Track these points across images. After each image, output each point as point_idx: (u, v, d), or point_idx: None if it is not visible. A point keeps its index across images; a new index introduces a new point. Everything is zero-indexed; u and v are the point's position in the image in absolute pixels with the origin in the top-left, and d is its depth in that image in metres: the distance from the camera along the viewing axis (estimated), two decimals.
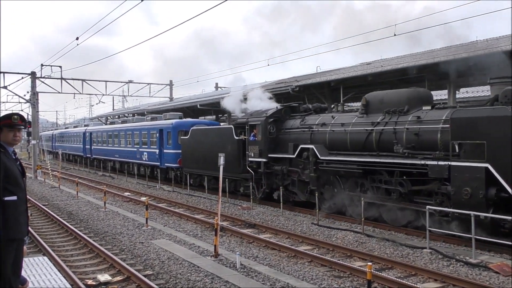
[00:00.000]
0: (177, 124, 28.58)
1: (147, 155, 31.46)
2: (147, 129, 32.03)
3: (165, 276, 10.40)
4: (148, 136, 31.44)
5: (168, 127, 28.80)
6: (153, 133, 30.58)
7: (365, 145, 15.60)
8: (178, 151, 27.21)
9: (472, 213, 11.33)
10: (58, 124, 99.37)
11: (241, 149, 21.20)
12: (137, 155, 33.02)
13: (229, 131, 22.12)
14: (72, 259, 12.09)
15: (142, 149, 32.25)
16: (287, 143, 18.91)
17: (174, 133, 28.06)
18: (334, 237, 14.14)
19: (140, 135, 32.80)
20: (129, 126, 35.66)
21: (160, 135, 29.44)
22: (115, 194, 25.01)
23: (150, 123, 32.50)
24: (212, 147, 22.85)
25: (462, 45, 22.00)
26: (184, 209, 20.27)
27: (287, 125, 19.62)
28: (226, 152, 19.40)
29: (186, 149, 25.99)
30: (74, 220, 17.82)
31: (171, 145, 28.04)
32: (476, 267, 10.59)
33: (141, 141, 32.47)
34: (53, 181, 32.01)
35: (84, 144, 46.90)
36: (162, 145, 29.16)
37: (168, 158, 28.47)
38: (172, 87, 48.55)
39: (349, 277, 10.31)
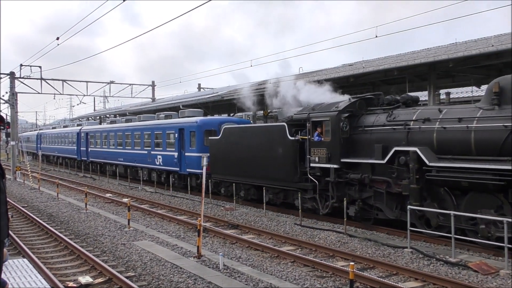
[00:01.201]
0: (203, 123, 24.10)
1: (161, 159, 27.01)
2: (162, 128, 27.31)
3: (148, 278, 10.33)
4: (163, 137, 26.89)
5: (191, 125, 24.31)
6: (170, 133, 26.17)
7: (503, 147, 11.58)
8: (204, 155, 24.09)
9: (451, 213, 11.49)
10: (38, 125, 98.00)
11: (298, 152, 17.07)
12: (148, 159, 28.46)
13: (281, 130, 17.91)
14: (53, 261, 11.94)
15: (155, 152, 27.66)
16: (367, 144, 14.88)
17: (199, 133, 23.73)
18: (317, 237, 14.22)
19: (152, 136, 28.24)
20: (138, 125, 30.76)
21: (180, 136, 25.09)
22: (97, 196, 24.75)
23: (166, 122, 27.64)
24: (254, 149, 19.24)
25: (441, 47, 22.33)
26: (167, 210, 20.16)
27: (365, 122, 15.33)
28: (275, 156, 17.50)
29: (216, 152, 21.61)
30: (54, 222, 17.58)
31: (196, 147, 23.72)
32: (456, 266, 10.75)
33: (153, 143, 27.96)
34: (32, 182, 31.54)
35: (78, 145, 41.78)
36: (183, 147, 24.88)
37: (191, 162, 23.87)
38: (154, 88, 48.25)
39: (331, 277, 10.37)
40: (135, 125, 31.44)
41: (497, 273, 10.15)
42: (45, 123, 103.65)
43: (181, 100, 37.63)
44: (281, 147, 17.76)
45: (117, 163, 33.80)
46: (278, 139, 17.97)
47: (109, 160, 35.10)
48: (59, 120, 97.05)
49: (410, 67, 18.55)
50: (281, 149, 17.72)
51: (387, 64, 20.01)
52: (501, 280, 9.74)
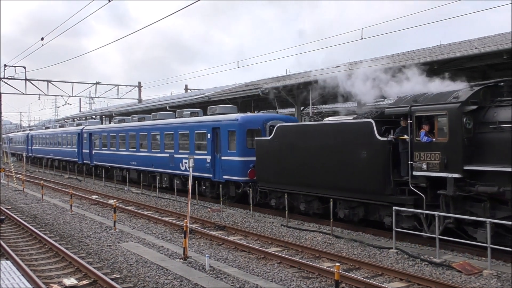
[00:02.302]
0: (246, 120, 20.09)
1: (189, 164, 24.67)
2: (189, 127, 23.32)
3: (133, 279, 10.28)
4: (190, 138, 22.96)
5: (230, 124, 20.41)
6: (201, 133, 22.31)
7: None
8: (248, 159, 19.35)
9: (436, 214, 11.61)
10: (22, 126, 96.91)
11: (389, 157, 13.54)
12: (169, 163, 24.37)
13: (365, 129, 14.22)
14: (37, 263, 11.82)
15: (180, 155, 23.59)
16: (502, 146, 11.36)
17: (241, 132, 19.78)
18: (303, 238, 14.27)
19: (175, 136, 24.20)
20: (157, 125, 26.57)
21: (214, 136, 21.26)
22: (82, 197, 24.55)
23: (194, 120, 23.63)
24: (321, 152, 15.64)
25: (425, 49, 22.58)
26: (153, 211, 20.08)
27: (497, 117, 11.73)
28: (355, 161, 14.22)
29: (265, 156, 18.13)
30: (38, 223, 17.40)
31: (237, 149, 19.82)
32: (440, 266, 10.87)
33: (177, 144, 24.00)
34: (17, 184, 31.16)
35: (80, 147, 37.23)
36: (218, 149, 21.00)
37: (230, 168, 20.08)
38: (140, 89, 48.04)
39: (317, 278, 10.42)
40: (152, 124, 27.13)
41: (480, 273, 10.29)
42: (30, 124, 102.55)
43: (167, 101, 37.41)
44: (364, 149, 14.13)
45: (129, 168, 29.47)
46: (359, 140, 14.34)
47: (118, 164, 30.82)
48: (44, 121, 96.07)
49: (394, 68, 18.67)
50: (364, 152, 14.13)
51: (374, 66, 20.13)
52: (484, 280, 9.88)
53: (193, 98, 33.06)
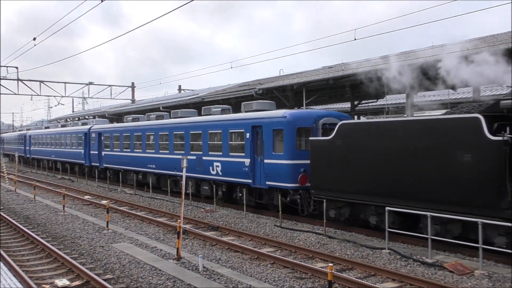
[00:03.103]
0: (296, 117, 17.37)
1: (221, 167, 20.34)
2: (221, 126, 20.59)
3: (126, 280, 10.26)
4: (224, 138, 20.23)
5: (276, 121, 17.59)
6: (236, 132, 19.69)
7: None
8: (298, 162, 16.84)
9: (428, 214, 11.67)
10: (14, 126, 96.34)
11: (506, 161, 10.99)
12: (197, 167, 21.72)
13: (470, 125, 11.60)
14: (29, 264, 11.76)
15: (211, 158, 20.94)
16: None
17: (289, 131, 17.09)
18: (297, 238, 14.29)
19: (204, 136, 21.59)
20: (181, 123, 23.77)
21: (255, 136, 18.64)
22: (75, 198, 24.45)
23: (229, 118, 20.73)
24: (402, 155, 13.19)
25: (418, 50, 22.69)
26: (146, 212, 20.03)
27: None
28: (457, 167, 11.72)
29: (323, 159, 15.57)
30: (31, 224, 17.31)
31: (284, 151, 17.10)
32: (432, 267, 10.93)
33: (206, 145, 21.42)
34: (9, 184, 30.98)
35: (87, 148, 34.27)
36: (259, 151, 18.35)
37: (275, 172, 17.43)
38: (134, 89, 47.95)
39: (310, 278, 10.44)
40: (174, 123, 24.21)
41: (471, 274, 10.36)
42: (22, 125, 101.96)
43: (161, 102, 37.32)
44: (468, 152, 11.56)
45: (145, 171, 26.64)
46: (460, 140, 11.78)
47: (133, 167, 27.95)
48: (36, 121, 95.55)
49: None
50: (468, 155, 11.53)
51: (366, 67, 20.22)
52: (476, 280, 9.94)
53: (187, 99, 33.04)
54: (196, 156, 21.83)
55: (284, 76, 30.06)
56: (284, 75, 30.47)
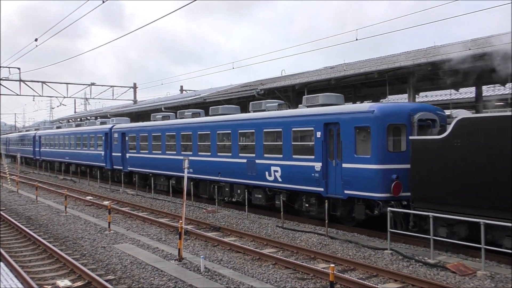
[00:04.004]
0: (386, 112, 14.32)
1: (280, 172, 17.26)
2: (282, 123, 17.46)
3: (128, 281, 10.25)
4: (285, 137, 17.19)
5: (360, 118, 14.62)
6: (303, 130, 16.65)
7: None
8: (390, 167, 13.91)
9: (430, 214, 11.64)
10: (16, 127, 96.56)
11: None
12: (248, 171, 18.76)
13: None
14: (31, 265, 11.76)
15: (266, 161, 17.93)
16: None
17: (379, 129, 14.08)
18: (298, 239, 14.27)
19: (258, 136, 18.41)
20: (227, 121, 20.57)
21: (327, 135, 15.67)
22: (77, 198, 24.47)
23: (291, 114, 17.56)
24: None
25: (420, 50, 22.67)
26: (148, 212, 20.03)
27: None
28: None
29: (430, 163, 12.71)
30: (33, 225, 17.33)
31: (372, 153, 14.12)
32: (434, 267, 10.90)
33: (261, 146, 18.23)
34: (11, 185, 31.03)
35: (108, 150, 31.15)
36: (334, 153, 15.38)
37: (358, 179, 14.44)
38: (136, 90, 48.01)
39: (312, 279, 10.42)
40: (218, 121, 21.12)
41: (474, 274, 10.33)
42: (24, 125, 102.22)
43: (163, 103, 37.27)
44: None
45: (180, 176, 22.91)
46: None
47: (165, 171, 24.69)
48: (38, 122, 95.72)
49: (390, 70, 18.78)
50: None
51: (368, 67, 20.22)
52: (478, 281, 9.91)
53: (188, 99, 33.05)
54: (246, 159, 18.79)
55: (286, 76, 30.06)
56: (286, 76, 30.46)
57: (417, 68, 18.15)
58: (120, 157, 29.41)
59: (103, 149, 31.67)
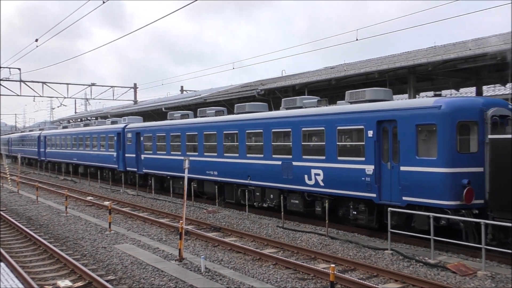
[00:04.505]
0: (455, 107, 12.56)
1: (323, 176, 15.42)
2: (323, 121, 15.61)
3: (128, 281, 10.26)
4: (328, 137, 15.27)
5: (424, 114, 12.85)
6: (349, 129, 15.00)
7: None
8: (460, 170, 12.28)
9: (431, 215, 11.63)
10: (17, 127, 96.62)
11: None
12: (283, 174, 16.92)
13: None
14: (31, 265, 11.77)
15: (305, 163, 16.04)
16: None
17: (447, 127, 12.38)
18: (299, 239, 14.27)
19: (296, 136, 16.46)
20: (258, 119, 18.72)
21: (380, 134, 13.88)
22: (77, 199, 24.47)
23: (334, 111, 15.63)
24: None
25: (420, 50, 22.68)
26: (149, 213, 20.03)
27: None
28: None
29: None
30: (33, 225, 17.33)
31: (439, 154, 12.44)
32: (435, 268, 10.90)
33: (299, 147, 16.32)
34: (11, 185, 31.05)
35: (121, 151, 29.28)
36: (389, 155, 13.61)
37: (420, 184, 12.71)
38: (136, 90, 48.04)
39: (312, 279, 10.42)
40: (244, 119, 19.36)
41: (474, 274, 10.33)
42: (25, 126, 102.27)
43: (164, 103, 37.21)
44: None
45: (203, 179, 21.48)
46: None
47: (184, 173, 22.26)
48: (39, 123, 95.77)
49: (390, 70, 18.80)
50: None
51: (368, 67, 20.24)
52: (479, 281, 9.91)
53: (188, 100, 33.07)
54: (281, 160, 17.01)
55: (286, 76, 30.06)
56: (286, 76, 30.46)
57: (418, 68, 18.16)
58: (134, 159, 27.53)
59: (115, 150, 29.87)
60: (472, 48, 16.41)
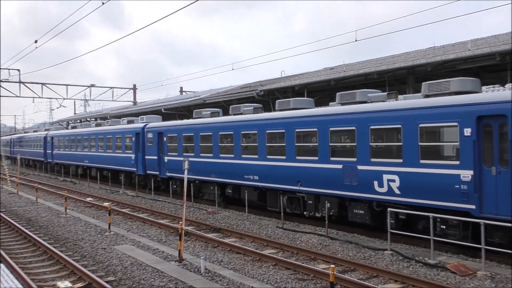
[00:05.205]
0: None
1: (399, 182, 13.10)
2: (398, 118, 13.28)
3: (128, 282, 10.26)
4: (406, 136, 12.97)
5: None
6: (436, 127, 12.67)
7: None
8: None
9: (431, 215, 11.64)
10: (16, 129, 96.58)
11: None
12: (345, 180, 14.61)
13: None
14: (31, 266, 11.76)
15: (373, 167, 13.79)
16: None
17: None
18: (299, 240, 14.28)
19: (362, 135, 14.18)
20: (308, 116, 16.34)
21: (480, 132, 11.62)
22: (77, 200, 24.46)
23: (414, 105, 13.04)
24: None
25: (420, 51, 22.69)
26: (148, 214, 20.03)
27: None
28: None
29: None
30: (33, 226, 17.33)
31: None
32: (434, 268, 10.91)
33: (365, 147, 14.05)
34: (11, 186, 31.03)
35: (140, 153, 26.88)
36: (494, 158, 11.36)
37: None
38: (135, 91, 48.03)
39: (312, 280, 10.43)
40: (291, 117, 16.94)
41: (474, 274, 10.33)
42: (24, 127, 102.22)
43: (163, 104, 37.19)
44: None
45: (240, 184, 19.39)
46: None
47: (218, 177, 20.60)
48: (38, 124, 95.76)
49: (389, 71, 18.81)
50: None
51: (367, 68, 20.25)
52: (478, 281, 9.91)
53: (188, 101, 33.08)
54: (342, 164, 14.73)
55: (286, 77, 30.08)
56: (286, 77, 30.48)
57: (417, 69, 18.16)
58: (156, 161, 25.11)
59: (133, 152, 27.47)
60: (471, 48, 16.43)
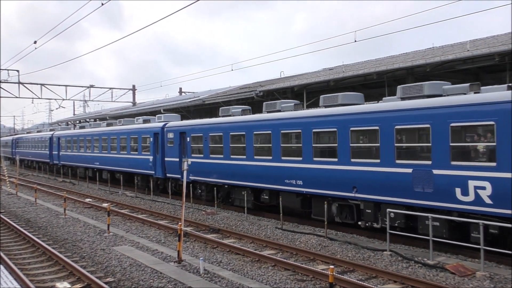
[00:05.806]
0: None
1: (491, 190, 11.01)
2: (491, 113, 11.09)
3: (127, 283, 10.25)
4: (501, 134, 10.83)
5: None
6: None
7: None
8: None
9: (430, 216, 11.64)
10: (16, 130, 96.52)
11: None
12: (415, 186, 12.60)
13: None
14: (30, 267, 11.76)
15: (455, 172, 11.73)
16: None
17: None
18: (298, 241, 14.27)
19: (439, 133, 12.09)
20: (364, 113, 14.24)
21: None
22: (76, 201, 24.44)
23: (503, 98, 10.93)
24: None
25: (419, 51, 22.70)
26: (147, 215, 20.01)
27: None
28: None
29: None
30: (32, 227, 17.31)
31: None
32: (434, 268, 10.91)
33: (445, 149, 11.91)
34: (10, 187, 31.00)
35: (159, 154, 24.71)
36: None
37: None
38: (135, 92, 48.05)
39: (311, 280, 10.42)
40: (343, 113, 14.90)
41: (473, 275, 10.33)
42: (24, 128, 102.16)
43: (162, 104, 37.15)
44: None
45: (278, 189, 17.32)
46: None
47: (251, 182, 18.62)
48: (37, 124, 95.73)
49: (389, 71, 18.82)
50: None
51: (367, 69, 20.26)
52: (477, 282, 9.91)
53: (187, 101, 33.07)
54: (412, 168, 12.67)
55: (285, 78, 30.09)
56: (285, 77, 30.49)
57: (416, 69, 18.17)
58: (178, 163, 22.90)
59: (151, 153, 25.43)
60: (470, 49, 16.45)
